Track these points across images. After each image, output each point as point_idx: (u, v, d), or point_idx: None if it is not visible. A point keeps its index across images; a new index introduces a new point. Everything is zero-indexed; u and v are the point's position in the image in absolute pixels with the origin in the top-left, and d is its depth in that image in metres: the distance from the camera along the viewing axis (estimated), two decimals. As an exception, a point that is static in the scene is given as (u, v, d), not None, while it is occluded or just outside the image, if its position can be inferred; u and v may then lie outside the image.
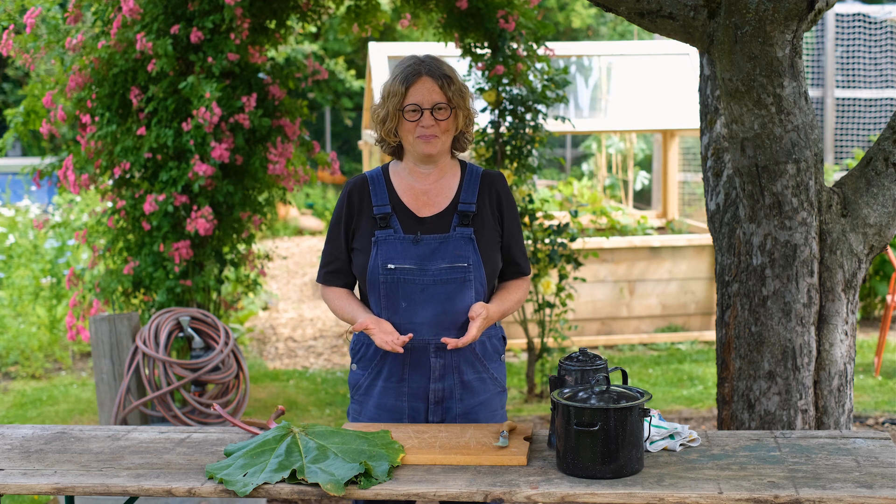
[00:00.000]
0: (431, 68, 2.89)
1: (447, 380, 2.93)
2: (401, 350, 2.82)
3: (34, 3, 5.56)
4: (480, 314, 2.86)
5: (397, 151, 3.00)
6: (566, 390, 2.61)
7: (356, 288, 3.08)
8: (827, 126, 11.04)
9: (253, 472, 2.54)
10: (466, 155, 6.36)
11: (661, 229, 9.01)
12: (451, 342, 2.83)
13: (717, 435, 2.82)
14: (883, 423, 5.77)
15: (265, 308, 9.62)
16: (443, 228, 2.92)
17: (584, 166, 14.75)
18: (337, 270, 3.01)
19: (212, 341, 4.97)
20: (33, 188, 11.79)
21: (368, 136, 9.92)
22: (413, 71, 2.89)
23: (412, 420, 2.95)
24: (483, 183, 2.98)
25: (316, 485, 2.48)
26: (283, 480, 2.50)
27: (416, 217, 2.94)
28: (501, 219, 2.99)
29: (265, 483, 2.49)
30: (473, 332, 2.84)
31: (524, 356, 7.61)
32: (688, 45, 3.61)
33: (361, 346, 2.99)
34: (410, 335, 2.86)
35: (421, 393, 2.94)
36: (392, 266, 2.89)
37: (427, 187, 2.97)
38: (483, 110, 6.06)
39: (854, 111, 11.20)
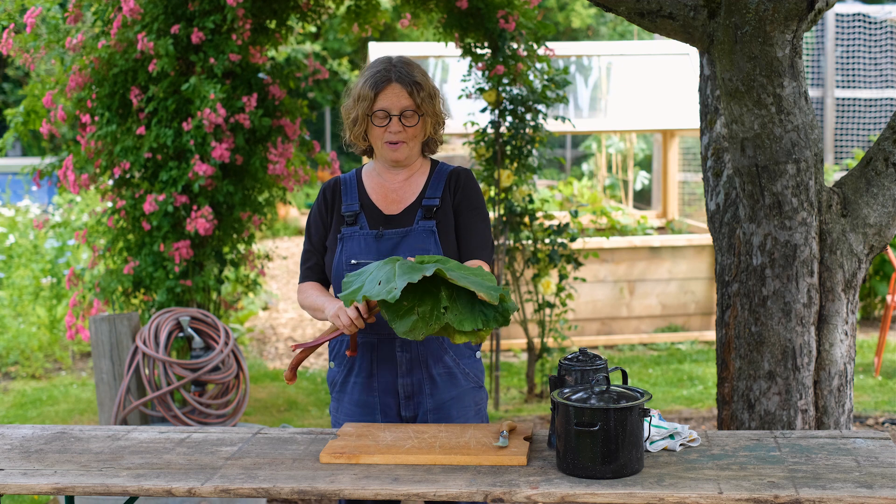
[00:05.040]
0: (401, 74, 2.89)
1: (415, 374, 2.94)
2: (360, 325, 2.74)
3: (34, 3, 5.55)
4: None
5: (369, 151, 3.03)
6: (566, 390, 2.61)
7: (331, 288, 3.10)
8: (827, 126, 11.03)
9: (387, 280, 2.50)
10: (467, 155, 6.36)
11: (661, 229, 9.00)
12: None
13: (717, 435, 2.82)
14: (883, 423, 5.76)
15: (265, 308, 9.61)
16: (406, 223, 2.95)
17: (584, 166, 14.75)
18: (314, 266, 3.05)
19: (212, 341, 4.97)
20: (33, 188, 11.79)
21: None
22: (383, 77, 2.88)
23: (384, 415, 2.96)
24: (449, 179, 3.00)
25: (465, 290, 2.51)
26: (424, 279, 2.50)
27: (382, 214, 2.97)
28: (456, 208, 2.96)
29: (409, 283, 2.48)
30: None
31: (524, 356, 7.60)
32: (688, 45, 3.61)
33: (336, 342, 3.01)
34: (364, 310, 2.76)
35: (390, 388, 2.95)
36: (355, 261, 2.92)
37: (396, 186, 3.00)
38: (483, 110, 6.05)
39: (854, 111, 11.20)
